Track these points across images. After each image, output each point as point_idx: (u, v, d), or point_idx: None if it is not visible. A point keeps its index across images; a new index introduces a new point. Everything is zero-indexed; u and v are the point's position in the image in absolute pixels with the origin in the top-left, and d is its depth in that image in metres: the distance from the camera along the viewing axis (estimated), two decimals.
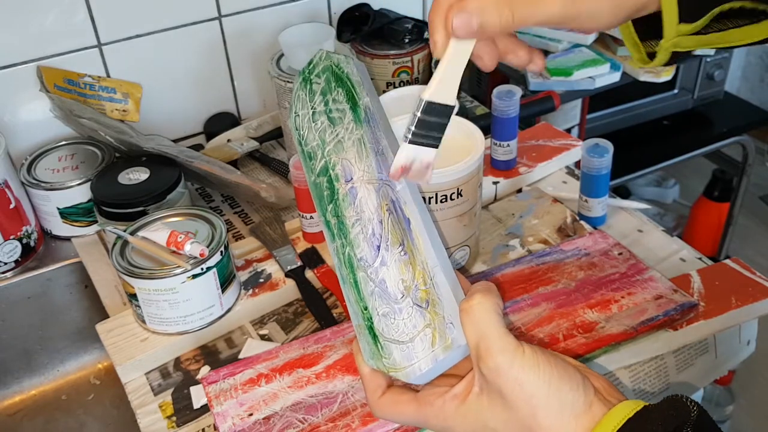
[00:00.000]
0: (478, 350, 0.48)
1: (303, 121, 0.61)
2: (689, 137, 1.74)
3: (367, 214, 0.55)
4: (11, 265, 0.87)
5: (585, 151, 0.80)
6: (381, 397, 0.53)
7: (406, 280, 0.52)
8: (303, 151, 0.61)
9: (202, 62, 1.04)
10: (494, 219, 0.86)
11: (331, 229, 0.57)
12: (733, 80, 2.39)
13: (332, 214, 0.57)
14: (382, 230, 0.54)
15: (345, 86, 0.61)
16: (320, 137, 0.59)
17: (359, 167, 0.57)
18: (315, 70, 0.63)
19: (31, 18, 0.90)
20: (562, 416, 0.46)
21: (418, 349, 0.51)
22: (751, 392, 1.75)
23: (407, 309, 0.52)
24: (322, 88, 0.61)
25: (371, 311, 0.53)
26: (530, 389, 0.46)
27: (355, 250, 0.54)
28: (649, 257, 0.79)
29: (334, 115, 0.60)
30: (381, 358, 0.52)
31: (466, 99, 1.18)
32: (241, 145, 1.02)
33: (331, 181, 0.57)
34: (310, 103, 0.61)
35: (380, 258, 0.53)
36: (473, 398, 0.49)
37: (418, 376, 0.51)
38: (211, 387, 0.63)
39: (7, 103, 0.93)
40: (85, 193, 0.87)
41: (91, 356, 0.93)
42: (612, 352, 0.66)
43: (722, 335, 0.71)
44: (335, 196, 0.57)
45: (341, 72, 0.61)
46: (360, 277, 0.54)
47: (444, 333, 0.51)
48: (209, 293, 0.71)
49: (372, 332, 0.53)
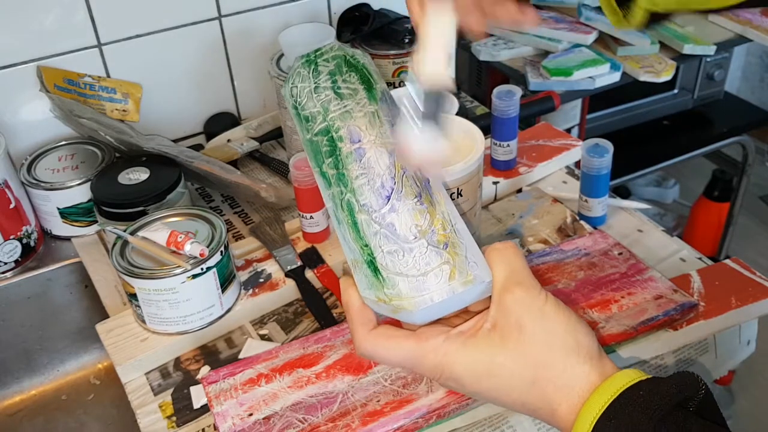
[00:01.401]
0: (506, 282, 0.48)
1: (301, 91, 0.58)
2: (689, 137, 1.74)
3: (377, 170, 0.52)
4: (11, 265, 0.87)
5: (585, 151, 0.80)
6: (372, 330, 0.50)
7: (421, 225, 0.50)
8: (298, 114, 0.58)
9: (202, 62, 1.04)
10: (494, 219, 0.86)
11: (328, 178, 0.54)
12: (733, 80, 2.39)
13: (330, 167, 0.54)
14: (394, 184, 0.52)
15: (359, 72, 0.59)
16: (323, 106, 0.57)
17: (370, 133, 0.54)
18: (324, 55, 0.60)
19: (31, 18, 0.90)
20: (578, 356, 0.46)
21: (431, 282, 0.48)
22: (751, 392, 1.75)
23: (419, 249, 0.49)
24: (330, 70, 0.59)
25: (373, 248, 0.50)
26: (551, 324, 0.47)
27: (357, 196, 0.52)
28: (649, 257, 0.79)
29: (342, 91, 0.57)
30: (382, 288, 0.48)
31: (466, 99, 1.18)
32: (241, 145, 1.02)
33: (333, 141, 0.55)
34: (314, 80, 0.58)
35: (389, 206, 0.51)
36: (483, 334, 0.48)
37: (427, 308, 0.47)
38: (211, 387, 0.63)
39: (7, 103, 0.93)
40: (85, 193, 0.87)
41: (91, 356, 0.93)
42: (612, 352, 0.66)
43: (722, 335, 0.71)
44: (336, 152, 0.54)
45: (355, 60, 0.60)
46: (361, 219, 0.51)
47: (465, 269, 0.48)
48: (209, 293, 0.71)
49: (372, 266, 0.49)
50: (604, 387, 0.45)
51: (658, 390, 0.43)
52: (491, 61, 1.40)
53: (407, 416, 0.58)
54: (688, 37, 1.39)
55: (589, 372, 0.46)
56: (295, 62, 0.61)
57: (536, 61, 1.35)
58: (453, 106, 0.85)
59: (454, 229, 0.50)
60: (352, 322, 0.51)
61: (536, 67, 1.34)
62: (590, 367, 0.46)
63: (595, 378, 0.46)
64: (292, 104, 0.59)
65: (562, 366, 0.46)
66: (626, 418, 0.42)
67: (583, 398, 0.45)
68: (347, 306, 0.51)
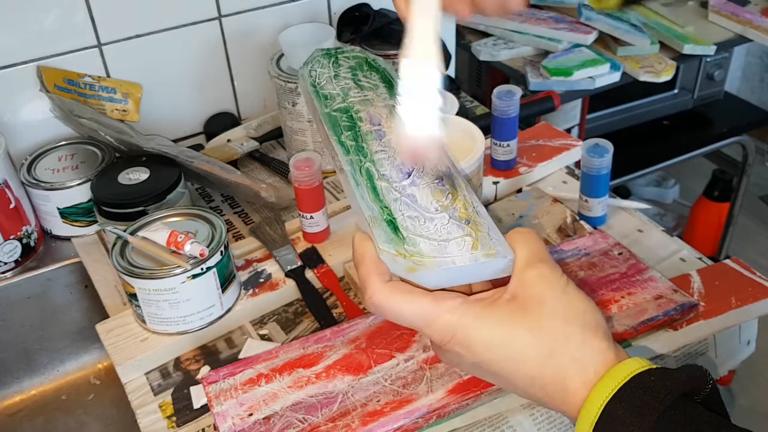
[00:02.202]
0: (529, 259, 0.48)
1: (321, 75, 0.57)
2: (689, 137, 1.74)
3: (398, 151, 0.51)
4: (11, 265, 0.87)
5: (585, 151, 0.80)
6: (388, 282, 0.47)
7: (443, 202, 0.49)
8: (317, 91, 0.55)
9: (202, 62, 1.04)
10: (494, 219, 0.86)
11: (347, 147, 0.52)
12: (733, 80, 2.39)
13: (350, 139, 0.52)
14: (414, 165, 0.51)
15: (380, 72, 0.58)
16: (342, 90, 0.55)
17: (391, 120, 0.53)
18: (345, 53, 0.59)
19: (31, 18, 0.90)
20: (597, 333, 0.46)
21: (453, 249, 0.46)
22: (751, 392, 1.75)
23: (441, 220, 0.48)
24: (350, 66, 0.58)
25: (393, 211, 0.48)
26: (573, 302, 0.47)
27: (377, 167, 0.50)
28: (649, 257, 0.79)
29: (363, 83, 0.56)
30: (403, 244, 0.46)
31: (466, 99, 1.18)
32: (241, 145, 1.02)
33: (352, 119, 0.53)
34: (334, 69, 0.57)
35: (410, 180, 0.50)
36: (502, 303, 0.47)
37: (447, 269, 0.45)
38: (211, 387, 0.63)
39: (7, 103, 0.93)
40: (85, 193, 0.87)
41: (91, 356, 0.93)
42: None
43: (722, 335, 0.71)
44: (356, 128, 0.53)
45: (376, 64, 0.60)
46: (381, 186, 0.49)
47: (487, 244, 0.48)
48: (209, 293, 0.71)
49: (392, 225, 0.47)
50: (616, 370, 0.44)
51: (668, 377, 0.43)
52: (491, 61, 1.40)
53: (407, 416, 0.58)
54: (688, 37, 1.39)
55: (606, 349, 0.46)
56: (314, 52, 0.60)
57: (536, 61, 1.36)
58: (453, 106, 0.85)
59: (476, 210, 0.50)
60: (366, 272, 0.48)
61: (536, 67, 1.34)
62: (608, 346, 0.46)
63: (612, 357, 0.46)
64: (311, 83, 0.57)
65: (580, 339, 0.46)
66: (637, 401, 0.42)
67: (599, 374, 0.45)
68: (362, 257, 0.48)
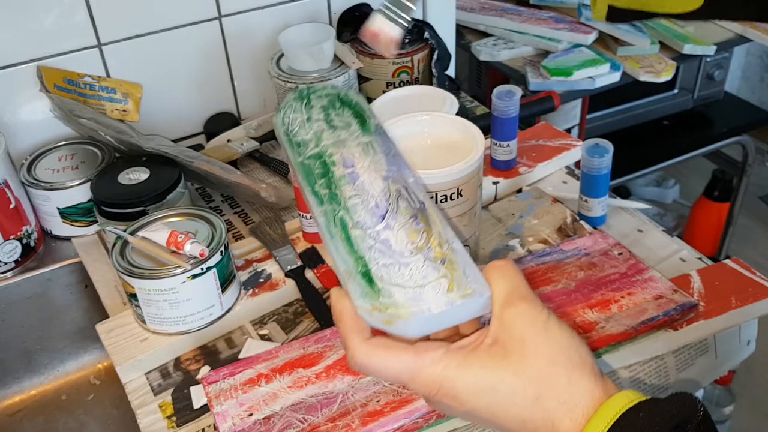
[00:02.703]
0: (508, 297, 0.47)
1: (294, 121, 0.58)
2: (689, 137, 1.74)
3: (371, 192, 0.52)
4: (11, 265, 0.87)
5: (585, 151, 0.80)
6: (368, 340, 0.47)
7: (417, 242, 0.49)
8: (290, 140, 0.57)
9: (202, 62, 1.04)
10: (494, 219, 0.86)
11: (320, 197, 0.53)
12: (733, 80, 2.40)
13: (323, 187, 0.53)
14: (388, 205, 0.51)
15: (353, 108, 0.59)
16: (315, 135, 0.57)
17: (364, 160, 0.54)
18: (316, 92, 0.61)
19: (31, 18, 0.90)
20: (583, 370, 0.45)
21: (429, 294, 0.46)
22: (751, 392, 1.75)
23: (416, 264, 0.48)
24: (322, 105, 0.59)
25: (368, 260, 0.48)
26: (555, 339, 0.46)
27: (350, 214, 0.51)
28: (649, 257, 0.79)
29: (335, 123, 0.58)
30: (378, 297, 0.46)
31: (466, 99, 1.18)
32: (241, 145, 1.02)
33: (325, 164, 0.54)
34: (306, 112, 0.59)
35: (384, 224, 0.50)
36: (484, 349, 0.46)
37: (424, 318, 0.46)
38: (211, 387, 0.63)
39: (7, 103, 0.93)
40: (85, 193, 0.87)
41: (91, 356, 0.93)
42: (612, 352, 0.66)
43: (722, 335, 0.71)
44: (329, 174, 0.54)
45: (348, 99, 0.60)
46: (355, 234, 0.50)
47: (463, 283, 0.47)
48: (209, 293, 0.71)
49: (367, 276, 0.47)
50: (604, 408, 0.44)
51: (658, 412, 0.42)
52: (491, 61, 1.40)
53: (407, 416, 0.58)
54: (688, 37, 1.39)
55: (593, 388, 0.45)
56: (287, 96, 0.61)
57: (536, 61, 1.36)
58: (453, 106, 0.85)
59: (451, 248, 0.50)
60: (345, 330, 0.48)
61: (536, 67, 1.34)
62: (594, 383, 0.45)
63: (599, 394, 0.45)
64: (284, 131, 0.59)
65: (566, 381, 0.45)
66: None
67: (587, 416, 0.44)
68: (340, 315, 0.49)
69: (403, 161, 0.56)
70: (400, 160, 0.56)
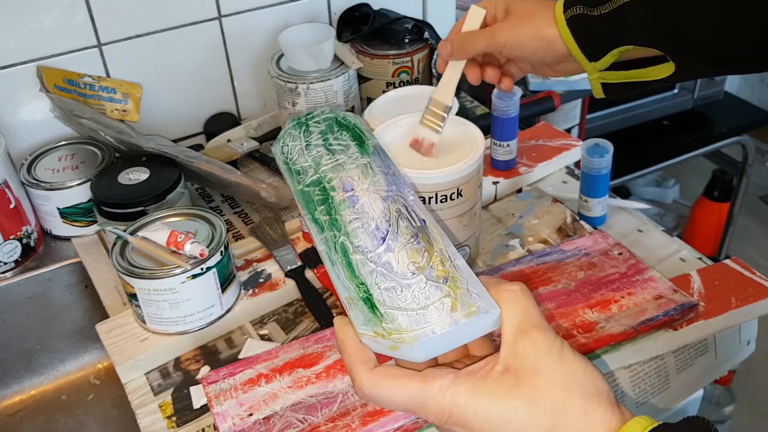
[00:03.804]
0: (521, 324, 0.46)
1: (292, 149, 0.60)
2: (689, 137, 1.74)
3: (371, 214, 0.53)
4: (11, 265, 0.87)
5: (585, 151, 0.80)
6: (374, 369, 0.46)
7: (419, 263, 0.49)
8: (289, 169, 0.59)
9: (202, 62, 1.04)
10: (494, 219, 0.86)
11: (321, 224, 0.54)
12: (733, 80, 2.39)
13: (323, 213, 0.54)
14: (389, 227, 0.52)
15: (351, 130, 0.61)
16: (314, 161, 0.58)
17: (363, 182, 0.55)
18: (315, 118, 0.62)
19: (31, 18, 0.90)
20: (599, 401, 0.44)
21: (432, 315, 0.46)
22: (751, 392, 1.75)
23: (418, 284, 0.48)
24: (321, 130, 0.61)
25: (369, 285, 0.48)
26: (570, 369, 0.45)
27: (351, 239, 0.51)
28: (649, 257, 0.79)
29: (334, 147, 0.59)
30: (380, 323, 0.46)
31: (466, 99, 1.18)
32: (241, 145, 1.02)
33: (325, 190, 0.56)
34: (305, 139, 0.61)
35: (385, 246, 0.50)
36: (495, 377, 0.45)
37: (429, 340, 0.45)
38: (211, 387, 0.63)
39: (7, 103, 0.93)
40: (85, 193, 0.87)
41: (91, 356, 0.93)
42: (612, 352, 0.66)
43: (722, 335, 0.71)
44: (329, 200, 0.55)
45: (347, 121, 0.62)
46: (356, 260, 0.50)
47: (467, 301, 0.46)
48: (209, 293, 0.71)
49: (369, 302, 0.47)
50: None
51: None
52: None
53: (407, 416, 0.58)
54: None
55: (610, 418, 0.44)
56: (287, 124, 0.63)
57: None
58: (453, 107, 0.85)
59: (453, 265, 0.49)
60: (350, 361, 0.47)
61: None
62: (611, 414, 0.44)
63: (615, 424, 0.44)
64: (283, 160, 0.60)
65: (582, 411, 0.44)
66: None
67: None
68: (344, 345, 0.48)
69: (401, 180, 0.56)
70: (399, 179, 0.56)
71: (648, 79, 0.65)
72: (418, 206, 0.54)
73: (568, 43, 0.64)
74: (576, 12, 0.64)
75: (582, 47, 0.64)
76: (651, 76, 0.65)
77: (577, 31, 0.64)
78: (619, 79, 0.66)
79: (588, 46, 0.64)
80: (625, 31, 0.62)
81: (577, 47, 0.64)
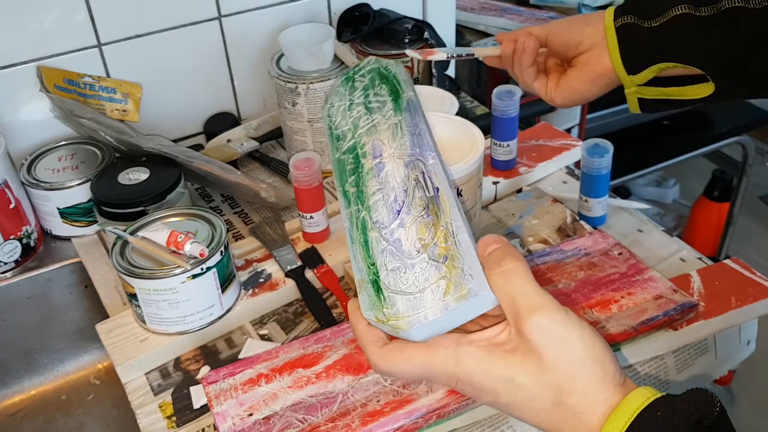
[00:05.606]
0: (516, 308, 0.47)
1: (337, 110, 0.63)
2: (689, 137, 1.74)
3: (392, 184, 0.55)
4: (11, 265, 0.87)
5: (585, 151, 0.80)
6: (384, 347, 0.50)
7: (425, 239, 0.51)
8: (332, 134, 0.62)
9: (202, 62, 1.04)
10: (494, 219, 0.86)
11: (348, 197, 0.57)
12: None
13: (352, 185, 0.57)
14: (405, 197, 0.54)
15: (389, 82, 0.63)
16: (353, 123, 0.61)
17: (391, 145, 0.58)
18: (361, 71, 0.65)
19: (31, 18, 0.90)
20: (604, 383, 0.45)
21: (427, 299, 0.48)
22: (751, 392, 1.75)
23: (420, 264, 0.50)
24: (364, 85, 0.64)
25: (378, 266, 0.51)
26: (574, 350, 0.46)
27: (371, 213, 0.55)
28: (649, 257, 0.79)
29: (372, 105, 0.62)
30: (382, 308, 0.49)
31: (466, 99, 1.18)
32: (241, 145, 1.02)
33: (357, 158, 0.58)
34: (349, 96, 0.63)
35: (399, 220, 0.53)
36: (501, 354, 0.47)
37: (421, 326, 0.48)
38: (211, 387, 0.63)
39: (7, 103, 0.93)
40: (85, 193, 0.87)
41: (91, 356, 0.93)
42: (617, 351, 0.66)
43: (722, 335, 0.71)
44: (359, 169, 0.58)
45: (388, 72, 0.64)
46: (372, 237, 0.53)
47: (460, 283, 0.48)
48: (209, 293, 0.71)
49: (376, 285, 0.51)
50: (619, 410, 0.44)
51: (675, 410, 0.42)
52: None
53: (407, 416, 0.58)
54: None
55: (611, 397, 0.45)
56: (336, 81, 0.66)
57: None
58: (453, 106, 0.85)
59: (455, 241, 0.51)
60: (362, 342, 0.51)
61: None
62: (612, 393, 0.45)
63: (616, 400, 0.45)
64: (328, 124, 0.63)
65: (583, 393, 0.45)
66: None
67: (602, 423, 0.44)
68: (355, 329, 0.52)
69: (426, 139, 0.58)
70: (424, 139, 0.58)
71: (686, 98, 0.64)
72: (436, 170, 0.56)
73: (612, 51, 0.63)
74: (626, 21, 0.64)
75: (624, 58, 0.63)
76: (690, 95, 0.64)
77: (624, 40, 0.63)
78: (656, 95, 0.65)
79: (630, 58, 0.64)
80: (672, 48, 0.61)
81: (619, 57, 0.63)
